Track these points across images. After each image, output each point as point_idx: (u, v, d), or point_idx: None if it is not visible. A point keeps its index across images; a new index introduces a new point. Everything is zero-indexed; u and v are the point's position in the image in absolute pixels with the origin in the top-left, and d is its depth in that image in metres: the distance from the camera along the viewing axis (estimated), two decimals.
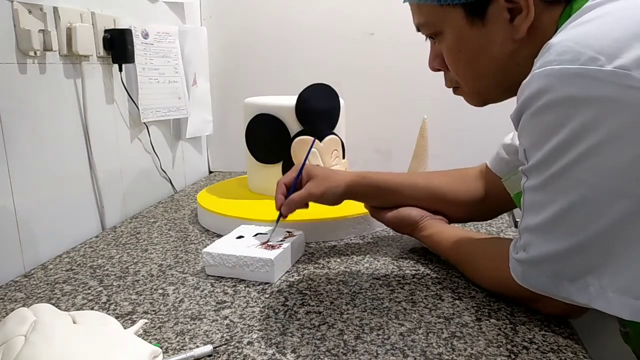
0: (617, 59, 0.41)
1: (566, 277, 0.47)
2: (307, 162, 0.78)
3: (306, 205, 0.77)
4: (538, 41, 0.49)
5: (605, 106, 0.42)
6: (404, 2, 0.61)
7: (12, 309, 0.60)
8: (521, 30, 0.53)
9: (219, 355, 0.52)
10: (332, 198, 0.77)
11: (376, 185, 0.78)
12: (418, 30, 0.62)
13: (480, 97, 0.62)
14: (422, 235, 0.77)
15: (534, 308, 0.59)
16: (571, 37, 0.45)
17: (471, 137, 1.30)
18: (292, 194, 0.75)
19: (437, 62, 0.62)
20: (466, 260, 0.69)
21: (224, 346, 0.54)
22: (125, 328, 0.55)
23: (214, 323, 0.59)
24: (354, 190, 0.77)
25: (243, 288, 0.68)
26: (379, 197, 0.79)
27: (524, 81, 0.47)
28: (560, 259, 0.47)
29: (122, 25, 0.99)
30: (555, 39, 0.46)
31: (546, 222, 0.48)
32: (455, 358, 0.50)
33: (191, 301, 0.64)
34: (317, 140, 0.93)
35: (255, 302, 0.64)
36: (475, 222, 0.92)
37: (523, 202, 0.51)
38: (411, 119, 1.15)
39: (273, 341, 0.54)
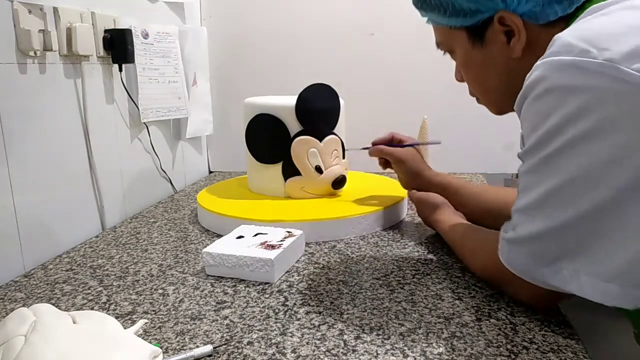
0: (607, 51, 0.43)
1: (543, 259, 0.50)
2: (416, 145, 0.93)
3: (387, 163, 0.93)
4: (534, 58, 0.51)
5: (593, 96, 0.44)
6: (426, 22, 0.67)
7: (12, 309, 0.60)
8: (516, 51, 0.57)
9: (219, 355, 0.52)
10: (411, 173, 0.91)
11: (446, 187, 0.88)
12: (438, 47, 0.68)
13: (495, 107, 0.67)
14: (434, 219, 0.83)
15: (506, 292, 0.63)
16: (571, 32, 0.47)
17: (471, 137, 1.30)
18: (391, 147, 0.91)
19: (458, 76, 0.69)
20: (461, 245, 0.74)
21: (224, 346, 0.54)
22: (125, 328, 0.55)
23: (214, 323, 0.59)
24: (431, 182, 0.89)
25: (243, 288, 0.68)
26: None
27: (529, 72, 0.50)
28: (539, 240, 0.50)
29: (122, 25, 0.99)
30: (559, 34, 0.48)
31: (532, 203, 0.50)
32: (455, 358, 0.50)
33: (191, 301, 0.64)
34: (317, 140, 0.93)
35: (255, 302, 0.64)
36: None
37: (518, 186, 0.53)
38: (411, 119, 1.15)
39: (273, 341, 0.54)
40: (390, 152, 0.91)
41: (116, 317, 0.59)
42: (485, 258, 0.63)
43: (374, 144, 0.94)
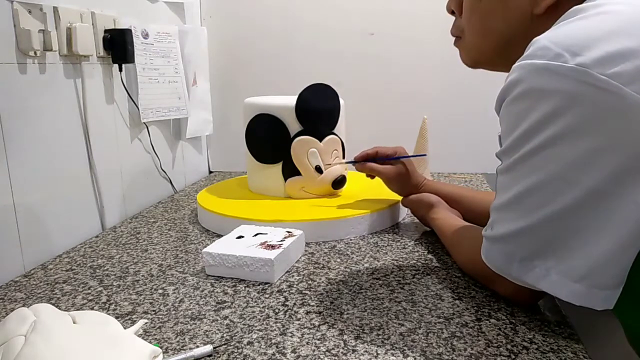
0: (579, 56, 0.44)
1: (517, 257, 0.51)
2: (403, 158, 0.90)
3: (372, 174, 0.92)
4: (550, 27, 0.50)
5: (565, 100, 0.45)
6: None
7: (12, 309, 0.60)
8: (540, 7, 0.54)
9: (219, 355, 0.52)
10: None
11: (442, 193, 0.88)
12: None
13: (476, 55, 0.63)
14: (431, 218, 0.84)
15: (492, 289, 0.64)
16: (548, 35, 0.48)
17: (471, 137, 1.30)
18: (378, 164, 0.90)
19: (454, 4, 0.64)
20: (451, 241, 0.76)
21: (224, 346, 0.54)
22: (125, 328, 0.55)
23: (214, 323, 0.59)
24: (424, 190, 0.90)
25: (243, 288, 0.68)
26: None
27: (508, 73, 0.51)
28: (514, 238, 0.51)
29: (122, 25, 0.99)
30: (537, 37, 0.48)
31: (507, 202, 0.51)
32: (455, 358, 0.51)
33: (191, 301, 0.64)
34: (317, 140, 0.93)
35: (255, 302, 0.64)
36: None
37: (496, 184, 0.55)
38: (411, 119, 1.15)
39: (273, 341, 0.54)
40: (379, 171, 0.90)
41: (116, 317, 0.59)
42: (470, 254, 0.66)
43: (358, 159, 0.93)
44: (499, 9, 0.58)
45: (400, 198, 0.94)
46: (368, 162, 0.91)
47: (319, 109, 0.94)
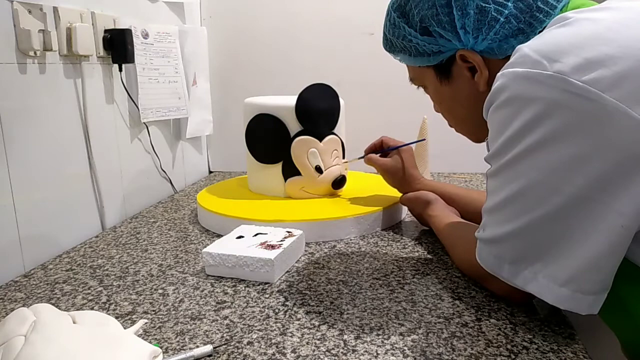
0: (557, 63, 0.45)
1: (506, 260, 0.52)
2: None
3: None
4: None
5: (545, 107, 0.46)
6: (399, 61, 0.71)
7: (12, 309, 0.60)
8: (481, 85, 0.60)
9: (219, 355, 0.52)
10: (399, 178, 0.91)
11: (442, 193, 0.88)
12: (411, 82, 0.72)
13: (472, 137, 0.69)
14: (428, 215, 0.85)
15: (487, 288, 0.65)
16: (530, 44, 0.49)
17: None
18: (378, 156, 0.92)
19: (437, 107, 0.72)
20: (448, 240, 0.76)
21: (224, 346, 0.54)
22: (125, 328, 0.55)
23: (214, 323, 0.59)
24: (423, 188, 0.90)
25: (243, 288, 0.68)
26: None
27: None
28: (502, 241, 0.52)
29: (122, 25, 0.99)
30: (520, 45, 0.50)
31: (495, 206, 0.53)
32: (455, 358, 0.51)
33: (191, 301, 0.64)
34: (317, 140, 0.93)
35: (255, 302, 0.64)
36: None
37: (486, 187, 0.56)
38: (411, 118, 1.15)
39: (273, 341, 0.54)
40: (376, 163, 0.93)
41: (116, 317, 0.59)
42: (465, 253, 0.67)
43: (366, 151, 0.95)
44: (454, 103, 0.66)
45: (398, 196, 0.94)
46: (372, 153, 0.93)
47: (319, 109, 0.94)
